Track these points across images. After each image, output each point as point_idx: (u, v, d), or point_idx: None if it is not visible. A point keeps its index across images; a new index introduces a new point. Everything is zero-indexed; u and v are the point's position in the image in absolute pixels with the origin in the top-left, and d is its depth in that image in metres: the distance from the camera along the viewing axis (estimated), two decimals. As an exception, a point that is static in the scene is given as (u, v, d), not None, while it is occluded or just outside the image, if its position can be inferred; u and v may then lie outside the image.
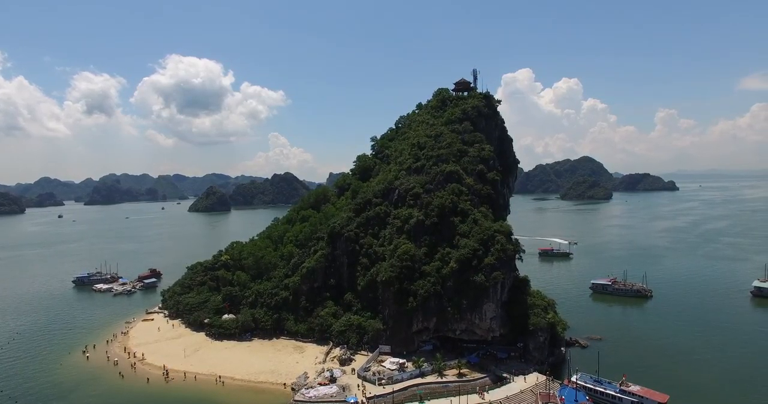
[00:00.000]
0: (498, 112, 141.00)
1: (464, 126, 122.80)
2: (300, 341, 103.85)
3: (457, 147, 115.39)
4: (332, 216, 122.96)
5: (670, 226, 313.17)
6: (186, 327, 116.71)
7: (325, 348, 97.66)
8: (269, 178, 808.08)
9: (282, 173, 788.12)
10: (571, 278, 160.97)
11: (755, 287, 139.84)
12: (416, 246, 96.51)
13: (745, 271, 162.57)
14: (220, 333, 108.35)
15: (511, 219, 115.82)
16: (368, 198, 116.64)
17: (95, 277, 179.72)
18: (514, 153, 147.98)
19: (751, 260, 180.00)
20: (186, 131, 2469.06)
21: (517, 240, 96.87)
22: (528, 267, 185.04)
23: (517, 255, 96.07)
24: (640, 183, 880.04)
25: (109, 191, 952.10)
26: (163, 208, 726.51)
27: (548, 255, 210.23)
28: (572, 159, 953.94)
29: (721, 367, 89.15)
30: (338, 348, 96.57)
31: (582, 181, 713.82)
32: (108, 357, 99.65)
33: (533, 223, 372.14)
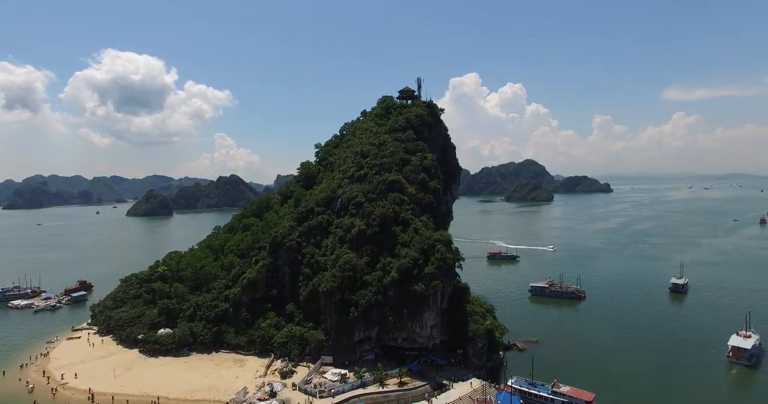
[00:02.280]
0: (441, 120, 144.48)
1: (407, 134, 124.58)
2: (241, 354, 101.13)
3: (399, 156, 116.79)
4: (274, 225, 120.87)
5: (603, 228, 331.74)
6: (117, 344, 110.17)
7: (266, 361, 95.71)
8: (214, 180, 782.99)
9: (228, 175, 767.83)
10: (515, 281, 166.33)
11: (672, 283, 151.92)
12: (358, 256, 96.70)
13: (665, 269, 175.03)
14: (155, 349, 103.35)
15: (458, 223, 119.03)
16: (311, 206, 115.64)
17: (12, 292, 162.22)
18: (457, 160, 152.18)
19: (671, 258, 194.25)
20: (124, 130, 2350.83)
21: (457, 248, 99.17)
22: (476, 271, 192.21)
23: (457, 264, 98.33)
24: (579, 185, 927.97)
25: (34, 194, 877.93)
26: (98, 213, 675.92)
27: (496, 258, 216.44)
28: (516, 162, 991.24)
29: (642, 361, 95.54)
30: (280, 361, 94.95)
31: (525, 184, 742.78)
32: (24, 383, 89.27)
33: (480, 225, 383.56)
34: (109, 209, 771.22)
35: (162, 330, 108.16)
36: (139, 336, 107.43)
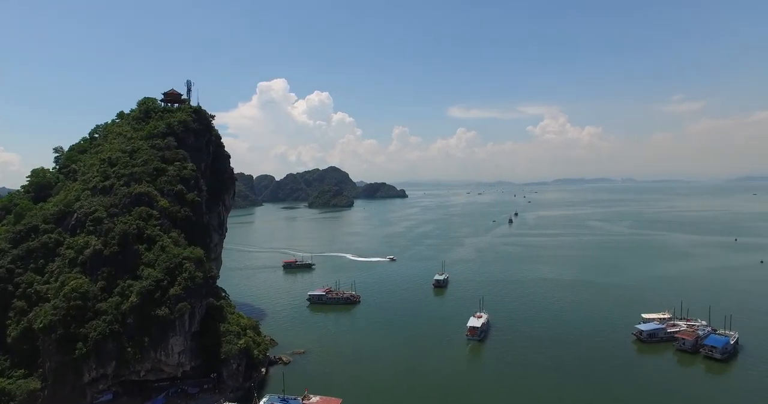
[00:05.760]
0: (213, 127, 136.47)
1: (167, 141, 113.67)
2: None
3: (154, 165, 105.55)
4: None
5: (392, 232, 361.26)
6: None
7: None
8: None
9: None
10: (304, 290, 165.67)
11: (435, 280, 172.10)
12: (91, 281, 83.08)
13: (433, 268, 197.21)
14: None
15: (259, 231, 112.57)
16: (35, 224, 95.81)
17: None
18: (231, 169, 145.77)
19: (439, 258, 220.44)
20: None
21: (210, 266, 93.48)
22: (267, 282, 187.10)
23: (211, 281, 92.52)
24: (378, 191, 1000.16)
25: None
26: None
27: (292, 267, 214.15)
28: (321, 168, 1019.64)
29: (397, 355, 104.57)
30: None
31: (327, 190, 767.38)
32: None
33: (280, 233, 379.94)
34: None
35: None
36: None
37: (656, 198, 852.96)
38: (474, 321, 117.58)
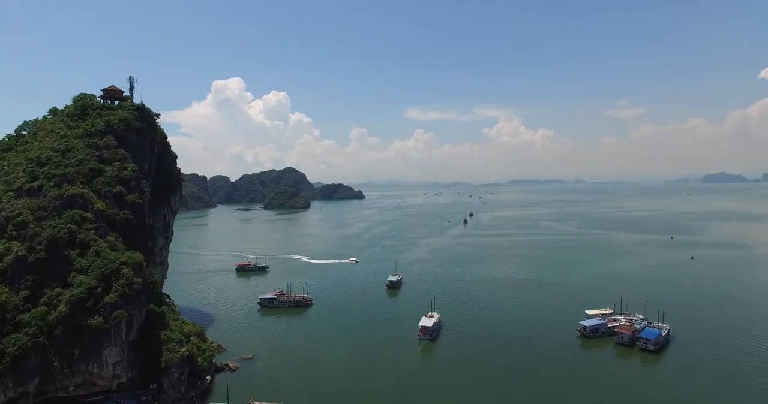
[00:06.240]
0: (158, 126, 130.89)
1: (106, 140, 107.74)
2: None
3: (90, 165, 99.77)
4: None
5: (347, 233, 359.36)
6: None
7: None
8: None
9: None
10: (253, 294, 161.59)
11: (388, 281, 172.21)
12: (12, 291, 77.23)
13: (387, 269, 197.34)
14: None
15: (213, 232, 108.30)
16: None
17: None
18: (178, 169, 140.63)
19: (393, 259, 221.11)
20: None
21: (151, 271, 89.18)
22: (218, 285, 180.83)
23: (152, 287, 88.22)
24: (335, 192, 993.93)
25: None
26: None
27: (245, 270, 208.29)
28: (278, 169, 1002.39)
29: (346, 363, 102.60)
30: None
31: (284, 191, 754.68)
32: None
33: (234, 235, 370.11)
34: None
35: None
36: None
37: (604, 198, 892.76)
38: (425, 321, 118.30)
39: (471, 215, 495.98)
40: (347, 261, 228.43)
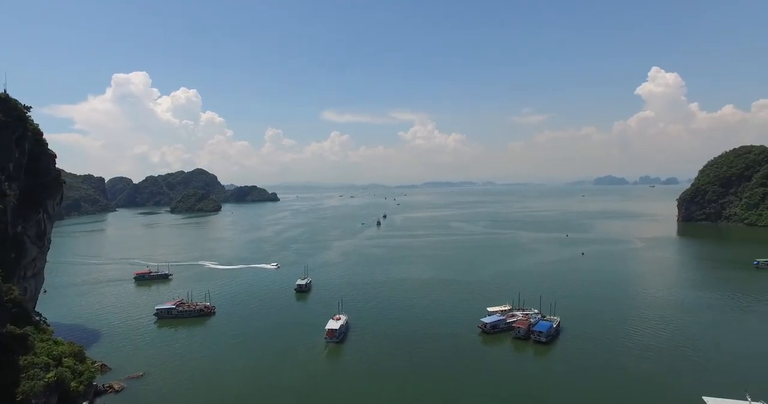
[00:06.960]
0: (29, 120, 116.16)
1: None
2: None
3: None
4: None
5: (258, 237, 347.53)
6: None
7: None
8: None
9: None
10: (151, 304, 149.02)
11: (297, 284, 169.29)
12: None
13: (295, 273, 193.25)
14: None
15: (111, 239, 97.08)
16: None
17: None
18: (57, 171, 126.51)
19: (303, 262, 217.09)
20: None
21: (11, 286, 78.48)
22: (112, 297, 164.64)
23: (12, 305, 77.64)
24: (248, 194, 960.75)
25: None
26: None
27: (145, 279, 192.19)
28: (187, 170, 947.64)
29: (248, 373, 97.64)
30: None
31: (192, 194, 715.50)
32: None
33: (135, 241, 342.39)
34: None
35: None
36: None
37: (511, 199, 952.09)
38: (332, 324, 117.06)
39: (384, 217, 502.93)
40: (268, 266, 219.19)
